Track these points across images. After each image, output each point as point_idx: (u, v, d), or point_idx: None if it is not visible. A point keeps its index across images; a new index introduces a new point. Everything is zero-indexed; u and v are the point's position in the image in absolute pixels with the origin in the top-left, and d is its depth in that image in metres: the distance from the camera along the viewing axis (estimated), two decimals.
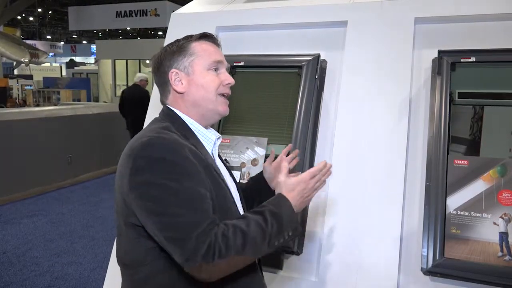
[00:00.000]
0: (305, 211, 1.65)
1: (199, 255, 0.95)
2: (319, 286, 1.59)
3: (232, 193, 1.21)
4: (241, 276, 1.11)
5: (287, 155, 1.45)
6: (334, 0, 1.89)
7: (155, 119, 1.23)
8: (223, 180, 1.17)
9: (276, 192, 1.16)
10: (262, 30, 2.00)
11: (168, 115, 1.20)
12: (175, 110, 1.20)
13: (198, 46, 1.20)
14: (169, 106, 1.22)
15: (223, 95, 1.21)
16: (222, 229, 0.99)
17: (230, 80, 1.23)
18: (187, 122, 1.19)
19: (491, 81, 1.61)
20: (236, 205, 1.20)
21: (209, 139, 1.22)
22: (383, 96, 1.68)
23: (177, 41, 1.22)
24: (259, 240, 1.01)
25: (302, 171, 1.64)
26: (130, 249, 1.11)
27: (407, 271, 1.51)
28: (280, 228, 1.05)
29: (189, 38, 1.22)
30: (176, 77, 1.18)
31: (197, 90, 1.18)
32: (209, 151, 1.21)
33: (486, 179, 1.46)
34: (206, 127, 1.23)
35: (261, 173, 1.46)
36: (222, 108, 1.21)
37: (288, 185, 1.13)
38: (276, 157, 1.44)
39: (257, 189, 1.43)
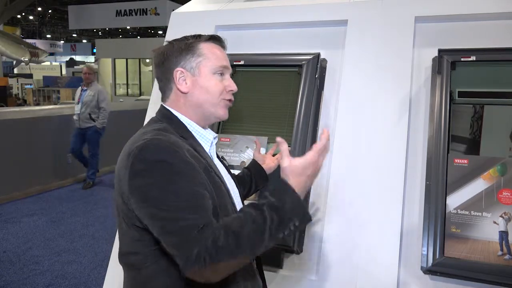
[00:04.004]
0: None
1: (191, 261, 0.94)
2: (319, 285, 1.59)
3: (231, 192, 1.21)
4: (239, 281, 1.11)
5: (274, 154, 1.63)
6: None
7: (152, 119, 1.22)
8: (222, 181, 1.17)
9: (282, 175, 1.06)
10: (262, 29, 2.00)
11: (165, 115, 1.19)
12: (172, 111, 1.19)
13: (207, 48, 1.19)
14: (165, 106, 1.21)
15: (225, 100, 1.22)
16: (212, 234, 0.96)
17: (234, 87, 1.23)
18: (184, 123, 1.18)
19: (491, 80, 1.61)
20: (235, 205, 1.20)
21: (207, 139, 1.22)
22: (383, 95, 1.68)
23: (186, 38, 1.20)
24: (256, 238, 0.97)
25: None
26: (133, 250, 1.11)
27: (407, 270, 1.51)
28: (283, 221, 0.99)
29: (198, 38, 1.20)
30: (181, 76, 1.17)
31: (201, 93, 1.17)
32: (207, 150, 1.21)
33: (486, 178, 1.46)
34: (203, 128, 1.23)
35: (253, 160, 1.61)
36: (222, 111, 1.21)
37: (295, 169, 1.02)
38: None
39: (252, 173, 1.56)
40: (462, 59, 1.60)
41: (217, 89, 1.18)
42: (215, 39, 1.22)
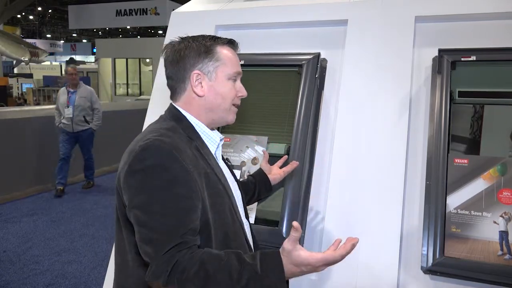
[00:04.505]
0: (305, 210, 1.65)
1: (157, 275, 0.95)
2: (319, 285, 1.59)
3: (233, 195, 1.21)
4: None
5: (282, 166, 1.58)
6: None
7: (161, 117, 1.22)
8: (224, 185, 1.16)
9: (281, 252, 0.99)
10: (262, 29, 2.00)
11: (174, 115, 1.19)
12: (182, 111, 1.18)
13: (224, 53, 1.18)
14: (176, 106, 1.20)
15: (235, 105, 1.23)
16: (186, 261, 0.95)
17: (244, 92, 1.24)
18: (193, 124, 1.18)
19: (491, 80, 1.61)
20: (236, 208, 1.19)
21: (214, 140, 1.22)
22: (383, 95, 1.68)
23: (203, 39, 1.19)
24: None
25: (302, 170, 1.65)
26: (128, 249, 1.11)
27: (407, 270, 1.51)
28: None
29: (216, 40, 1.19)
30: (198, 79, 1.16)
31: (215, 97, 1.17)
32: (213, 152, 1.21)
33: (486, 178, 1.46)
34: (211, 129, 1.23)
35: (259, 170, 1.58)
36: (232, 116, 1.23)
37: (295, 258, 0.96)
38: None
39: (257, 181, 1.53)
40: (462, 59, 1.60)
41: (231, 94, 1.19)
42: (232, 44, 1.22)
